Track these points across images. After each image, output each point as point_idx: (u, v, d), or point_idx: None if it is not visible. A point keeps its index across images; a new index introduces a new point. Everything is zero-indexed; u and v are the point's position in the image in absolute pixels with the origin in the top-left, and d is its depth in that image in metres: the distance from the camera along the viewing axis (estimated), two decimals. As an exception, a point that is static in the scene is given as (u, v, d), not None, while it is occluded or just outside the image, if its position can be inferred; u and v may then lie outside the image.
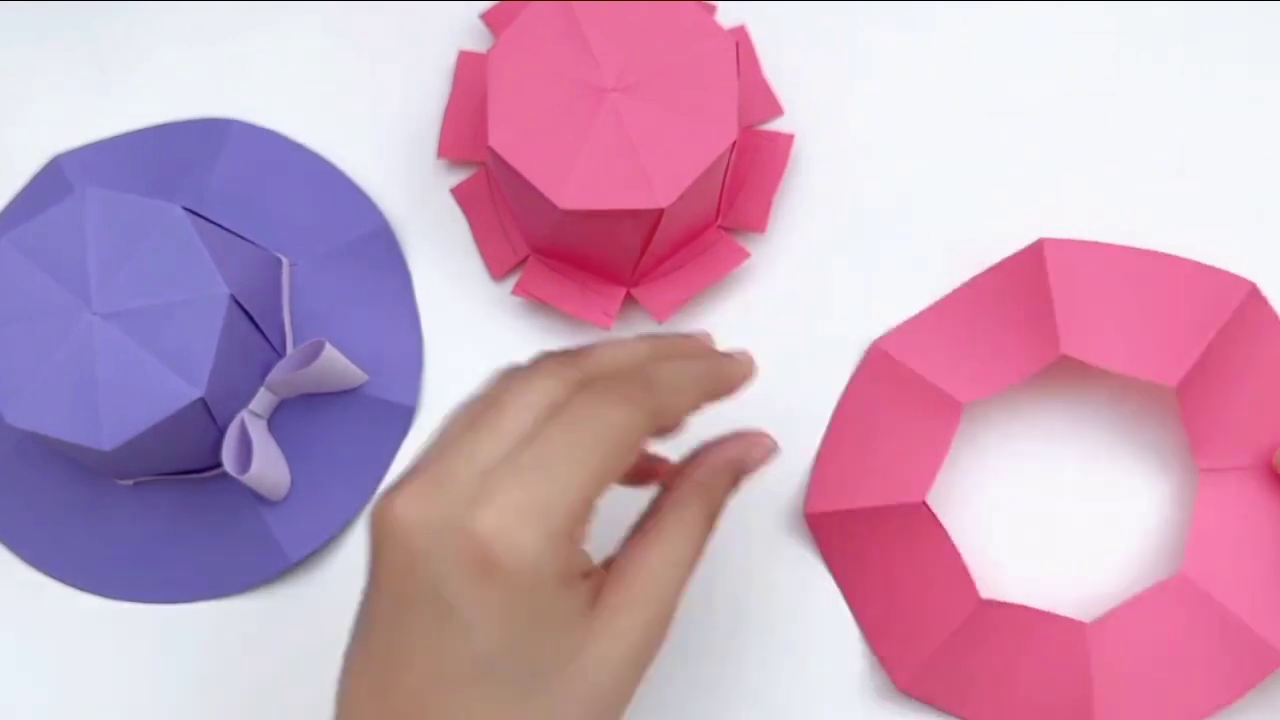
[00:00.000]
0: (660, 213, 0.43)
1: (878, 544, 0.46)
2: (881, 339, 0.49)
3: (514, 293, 0.49)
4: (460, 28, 0.54)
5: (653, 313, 0.48)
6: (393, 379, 0.49)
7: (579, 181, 0.42)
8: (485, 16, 0.50)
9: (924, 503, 0.44)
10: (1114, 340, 0.45)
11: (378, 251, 0.51)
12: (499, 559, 0.23)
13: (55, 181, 0.51)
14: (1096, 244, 0.46)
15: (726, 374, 0.29)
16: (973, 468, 0.48)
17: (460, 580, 0.23)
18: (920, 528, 0.45)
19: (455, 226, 0.52)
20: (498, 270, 0.50)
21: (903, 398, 0.47)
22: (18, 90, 0.54)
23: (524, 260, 0.49)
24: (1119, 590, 0.47)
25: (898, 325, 0.49)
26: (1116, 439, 0.49)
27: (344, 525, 0.49)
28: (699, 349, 0.31)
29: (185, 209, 0.45)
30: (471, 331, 0.51)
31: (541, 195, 0.43)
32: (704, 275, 0.48)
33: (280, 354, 0.48)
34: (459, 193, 0.50)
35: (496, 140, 0.43)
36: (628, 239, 0.44)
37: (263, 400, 0.47)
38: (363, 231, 0.51)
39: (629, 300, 0.50)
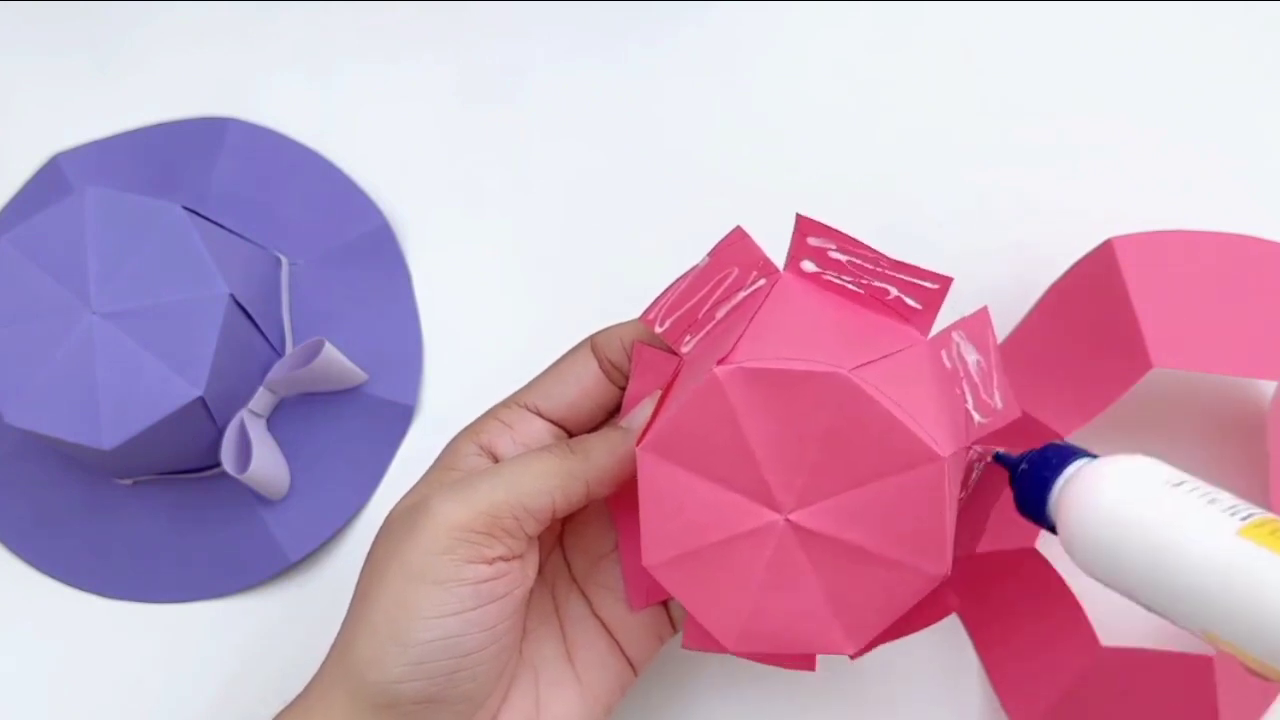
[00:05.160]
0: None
1: (996, 589, 0.44)
2: (1002, 359, 0.47)
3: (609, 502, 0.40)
4: (460, 26, 0.54)
5: (685, 636, 0.38)
6: (392, 378, 0.49)
7: (745, 624, 0.36)
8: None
9: (1035, 548, 0.42)
10: (1208, 339, 0.41)
11: (378, 251, 0.51)
12: (431, 511, 0.34)
13: (55, 181, 0.51)
14: (1171, 234, 0.43)
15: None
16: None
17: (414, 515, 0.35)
18: (1034, 573, 0.42)
19: (455, 226, 0.52)
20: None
21: (1007, 434, 0.43)
22: (18, 90, 0.54)
23: None
24: None
25: None
26: (1217, 442, 0.46)
27: (344, 525, 0.48)
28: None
29: (185, 208, 0.45)
30: (471, 331, 0.51)
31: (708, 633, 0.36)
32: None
33: (280, 353, 0.48)
34: (640, 355, 0.38)
35: (653, 567, 0.35)
36: None
37: (262, 399, 0.47)
38: (363, 231, 0.51)
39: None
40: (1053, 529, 0.33)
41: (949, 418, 0.35)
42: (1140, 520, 0.30)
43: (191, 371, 0.43)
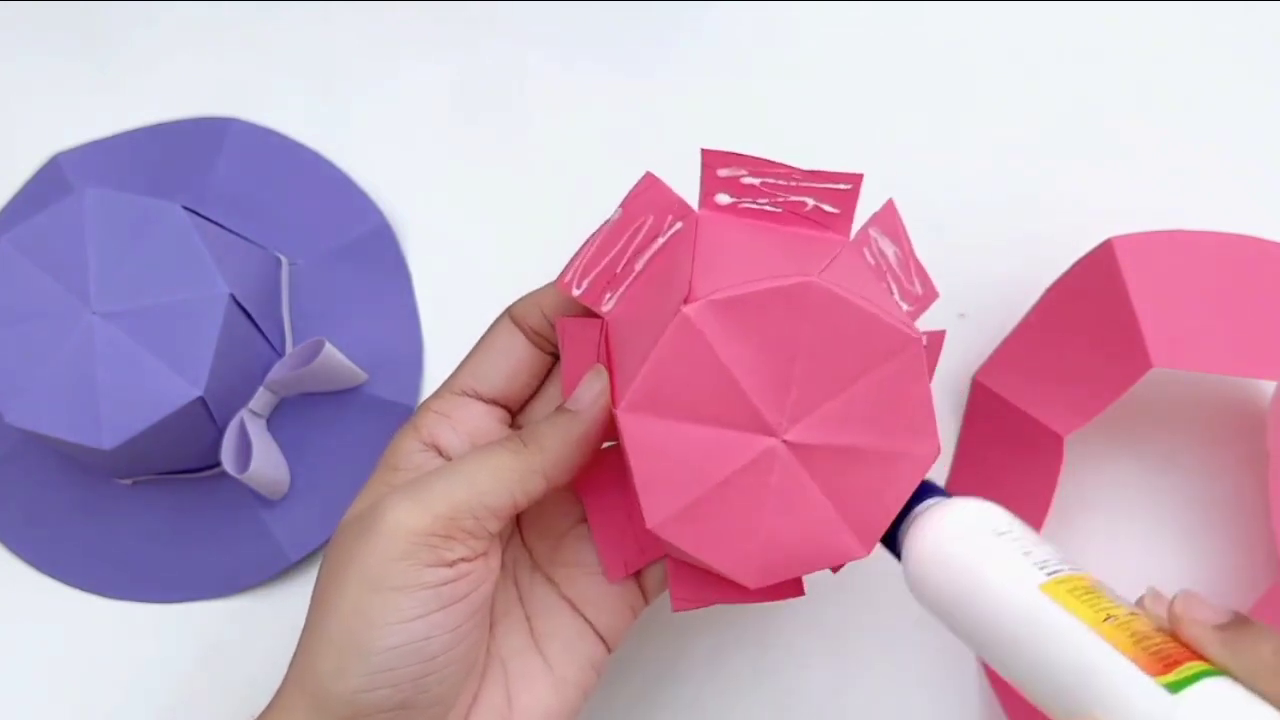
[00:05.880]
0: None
1: None
2: (980, 371, 0.47)
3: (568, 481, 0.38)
4: (460, 27, 0.54)
5: (673, 599, 0.38)
6: (393, 378, 0.49)
7: (764, 559, 0.35)
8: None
9: None
10: (1207, 339, 0.41)
11: (378, 251, 0.51)
12: (386, 516, 0.33)
13: (55, 180, 0.51)
14: (1171, 234, 0.43)
15: (594, 433, 0.36)
16: (1082, 505, 0.46)
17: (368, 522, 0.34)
18: None
19: (455, 226, 0.52)
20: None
21: (1007, 434, 0.45)
22: (18, 90, 0.54)
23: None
24: (1236, 598, 0.45)
25: (991, 354, 0.47)
26: (1217, 442, 0.47)
27: (344, 525, 0.48)
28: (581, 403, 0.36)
29: (185, 208, 0.45)
30: (471, 331, 0.51)
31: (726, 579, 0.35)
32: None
33: (280, 353, 0.48)
34: (564, 328, 0.38)
35: (662, 530, 0.34)
36: None
37: (262, 399, 0.47)
38: (363, 231, 0.51)
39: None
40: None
41: (895, 306, 0.36)
42: (960, 563, 0.32)
43: (191, 371, 0.43)
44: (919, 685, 0.46)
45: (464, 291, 0.51)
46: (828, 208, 0.36)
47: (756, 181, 0.35)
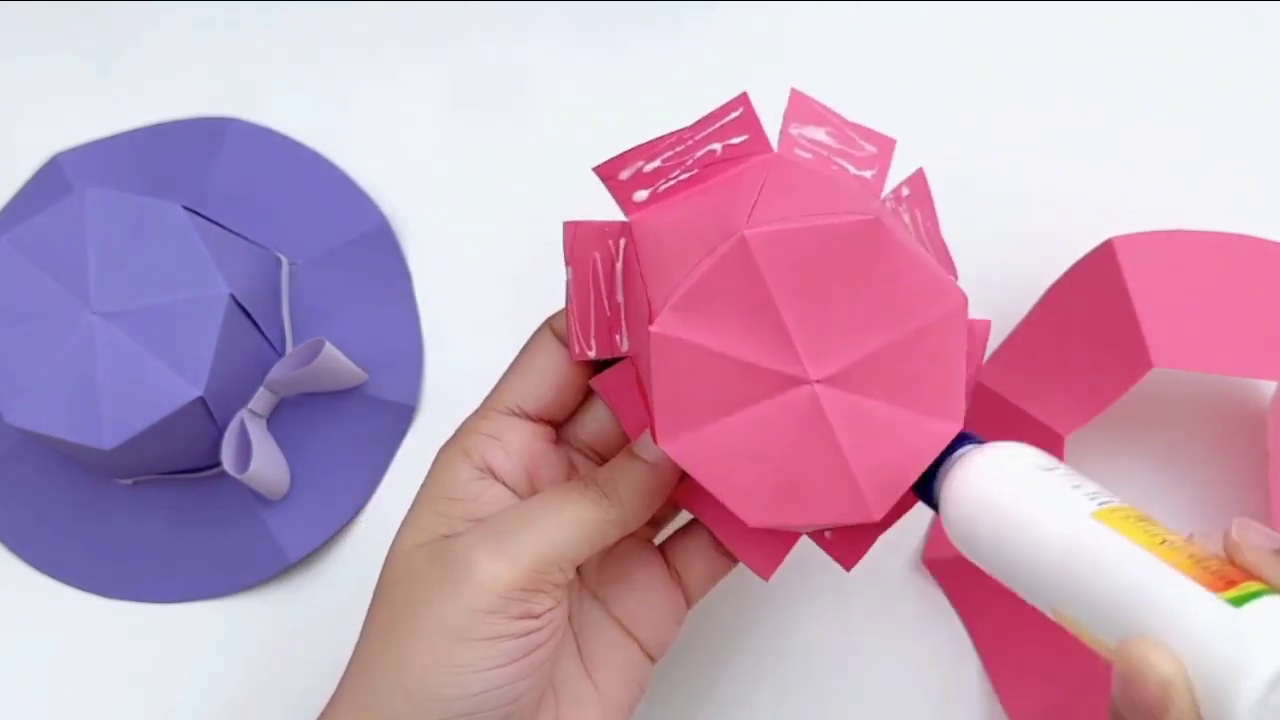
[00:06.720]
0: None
1: (997, 589, 0.44)
2: (980, 371, 0.47)
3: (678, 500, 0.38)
4: (460, 26, 0.54)
5: (758, 570, 0.38)
6: (393, 378, 0.49)
7: (771, 498, 0.34)
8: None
9: None
10: (1207, 339, 0.41)
11: (378, 250, 0.51)
12: (474, 568, 0.34)
13: (55, 180, 0.52)
14: (1171, 234, 0.43)
15: (670, 485, 0.36)
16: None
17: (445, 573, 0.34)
18: None
19: (455, 226, 0.52)
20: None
21: (1007, 434, 0.43)
22: (18, 90, 0.54)
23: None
24: None
25: (991, 354, 0.47)
26: (1217, 442, 0.47)
27: (344, 525, 0.48)
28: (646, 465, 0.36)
29: (185, 208, 0.45)
30: (471, 331, 0.51)
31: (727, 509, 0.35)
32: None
33: (280, 353, 0.48)
34: (603, 385, 0.38)
35: (668, 445, 0.34)
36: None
37: (262, 399, 0.47)
38: (363, 230, 0.51)
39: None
40: (938, 509, 0.34)
41: (949, 260, 0.35)
42: (1006, 500, 0.32)
43: (191, 371, 0.43)
44: (920, 682, 0.46)
45: (464, 291, 0.51)
46: (866, 174, 0.36)
47: (834, 143, 0.35)
